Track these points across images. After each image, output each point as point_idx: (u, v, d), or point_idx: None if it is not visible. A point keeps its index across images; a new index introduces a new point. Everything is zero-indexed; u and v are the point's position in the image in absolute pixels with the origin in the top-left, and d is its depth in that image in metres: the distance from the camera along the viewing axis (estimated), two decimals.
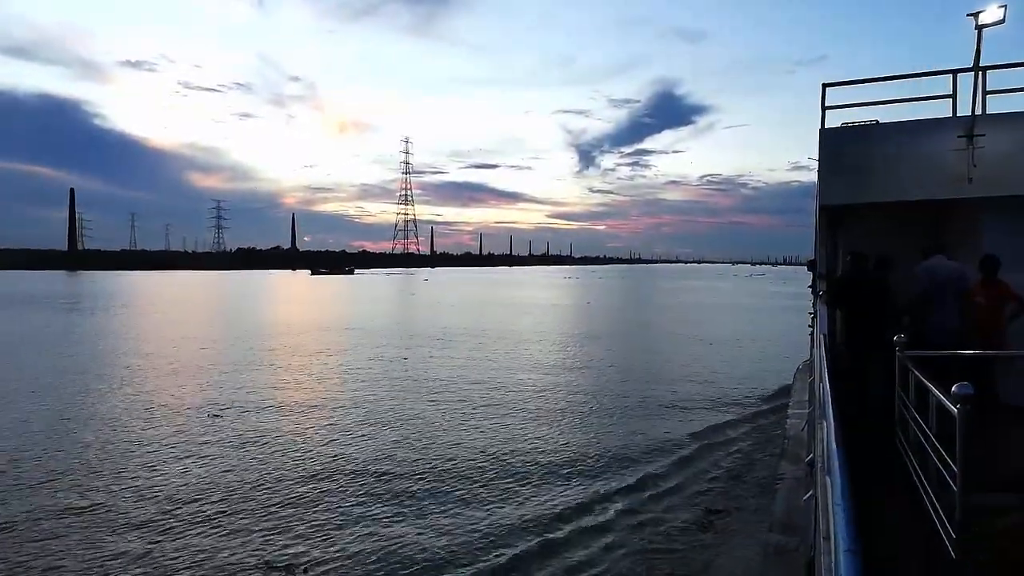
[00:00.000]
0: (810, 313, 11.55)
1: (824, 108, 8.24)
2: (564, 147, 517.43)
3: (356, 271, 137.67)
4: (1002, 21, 6.73)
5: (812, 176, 9.17)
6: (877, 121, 7.84)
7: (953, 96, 7.53)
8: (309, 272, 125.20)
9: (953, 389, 3.27)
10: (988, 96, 7.29)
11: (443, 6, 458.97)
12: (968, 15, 6.90)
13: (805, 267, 12.36)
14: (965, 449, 3.24)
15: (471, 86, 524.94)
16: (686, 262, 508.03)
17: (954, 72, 7.55)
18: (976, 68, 7.13)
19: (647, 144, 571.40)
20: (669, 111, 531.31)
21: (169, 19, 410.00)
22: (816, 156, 8.18)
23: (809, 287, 11.60)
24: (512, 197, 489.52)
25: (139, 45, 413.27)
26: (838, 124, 8.12)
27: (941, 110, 7.69)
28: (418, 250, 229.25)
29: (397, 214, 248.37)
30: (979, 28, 6.82)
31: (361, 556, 7.26)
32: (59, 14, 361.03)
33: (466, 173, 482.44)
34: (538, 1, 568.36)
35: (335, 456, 10.83)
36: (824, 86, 8.33)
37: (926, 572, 3.45)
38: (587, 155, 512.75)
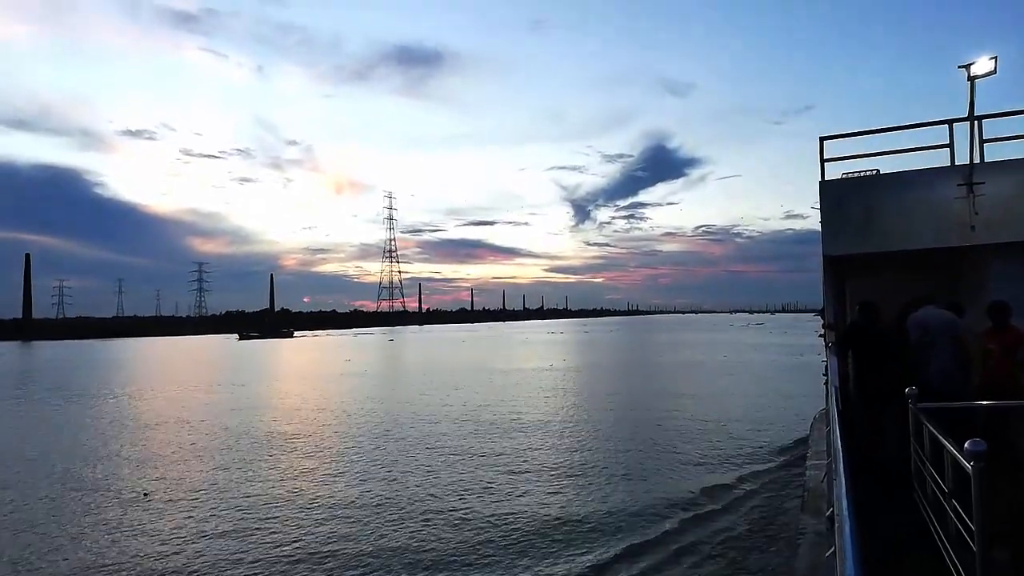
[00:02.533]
0: (823, 361, 12.30)
1: (823, 160, 9.06)
2: (559, 202, 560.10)
3: (298, 333, 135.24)
4: (993, 72, 7.64)
5: (806, 224, 10.14)
6: (878, 171, 8.73)
7: (951, 145, 8.36)
8: (237, 337, 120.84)
9: (966, 446, 3.45)
10: (985, 144, 8.11)
11: (435, 67, 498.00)
12: (960, 67, 7.82)
13: (816, 314, 13.27)
14: (982, 506, 3.40)
15: (466, 144, 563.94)
16: (683, 312, 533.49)
17: (950, 122, 8.37)
18: (971, 118, 8.00)
19: (641, 197, 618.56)
20: (661, 164, 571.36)
21: (170, 88, 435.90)
22: (817, 205, 8.96)
23: (820, 335, 12.31)
24: (510, 253, 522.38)
25: (140, 114, 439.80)
26: (838, 174, 8.97)
27: (939, 159, 8.53)
28: (403, 306, 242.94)
29: (381, 272, 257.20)
30: (971, 79, 7.75)
31: None
32: (61, 85, 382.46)
33: (464, 230, 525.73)
34: (527, 58, 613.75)
35: None
36: (822, 139, 9.19)
37: None
38: (583, 209, 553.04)
